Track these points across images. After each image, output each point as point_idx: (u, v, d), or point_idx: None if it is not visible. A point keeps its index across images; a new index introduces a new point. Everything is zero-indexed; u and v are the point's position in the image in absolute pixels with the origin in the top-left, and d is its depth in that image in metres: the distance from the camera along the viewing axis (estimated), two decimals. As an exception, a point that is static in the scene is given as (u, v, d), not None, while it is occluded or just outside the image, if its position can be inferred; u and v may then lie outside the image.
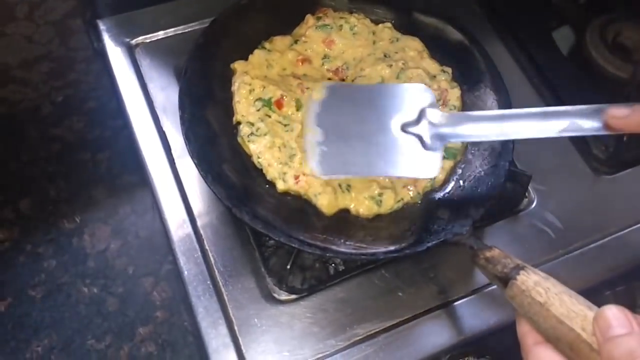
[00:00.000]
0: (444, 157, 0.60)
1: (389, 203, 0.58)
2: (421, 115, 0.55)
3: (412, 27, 0.69)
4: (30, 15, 1.13)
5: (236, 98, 0.63)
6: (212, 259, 0.59)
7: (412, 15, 0.69)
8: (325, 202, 0.57)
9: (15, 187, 1.33)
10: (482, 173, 0.60)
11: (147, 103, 0.68)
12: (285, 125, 0.61)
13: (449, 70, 0.66)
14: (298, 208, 0.58)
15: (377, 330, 0.57)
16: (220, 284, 0.58)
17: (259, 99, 0.62)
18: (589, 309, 0.39)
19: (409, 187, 0.59)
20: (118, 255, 1.28)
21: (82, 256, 1.27)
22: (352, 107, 0.58)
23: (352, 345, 0.56)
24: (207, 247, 0.60)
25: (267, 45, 0.67)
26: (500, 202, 0.63)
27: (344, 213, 0.58)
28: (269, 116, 0.61)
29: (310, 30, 0.68)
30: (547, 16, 0.83)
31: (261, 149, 0.59)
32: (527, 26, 0.78)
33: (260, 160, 0.59)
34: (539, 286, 0.42)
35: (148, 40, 0.74)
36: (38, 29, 1.18)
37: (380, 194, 0.58)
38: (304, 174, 0.58)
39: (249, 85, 0.63)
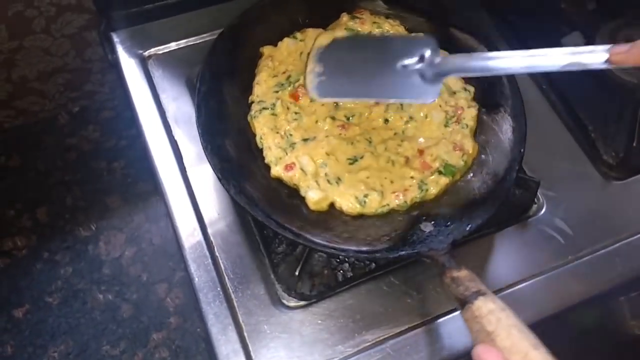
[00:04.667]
0: (440, 173, 0.60)
1: (373, 205, 0.58)
2: (422, 58, 0.56)
3: (445, 41, 0.67)
4: (47, 28, 1.17)
5: (257, 79, 0.65)
6: (222, 266, 0.60)
7: (449, 30, 0.69)
8: (316, 198, 0.58)
9: (33, 196, 1.36)
10: (478, 196, 0.59)
11: (160, 113, 0.70)
12: (295, 114, 0.63)
13: (472, 89, 0.65)
14: (287, 194, 0.59)
15: (386, 336, 0.57)
16: (230, 290, 0.59)
17: (278, 83, 0.64)
18: (534, 348, 0.39)
19: (398, 194, 0.59)
20: (132, 262, 1.30)
21: (98, 263, 1.29)
22: (356, 50, 0.60)
23: (361, 352, 0.56)
24: (217, 255, 0.61)
25: (298, 35, 0.69)
26: (509, 208, 0.63)
27: (329, 206, 0.59)
28: (284, 101, 0.63)
29: (342, 28, 0.69)
30: (557, 23, 0.82)
31: (265, 131, 0.62)
32: (536, 33, 0.78)
33: (262, 140, 0.61)
34: (492, 315, 0.43)
35: (160, 52, 0.75)
36: (55, 42, 1.21)
37: (365, 195, 0.58)
38: (296, 165, 0.59)
39: (273, 70, 0.65)
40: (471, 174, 0.61)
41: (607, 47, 0.47)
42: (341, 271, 0.62)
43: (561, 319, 0.65)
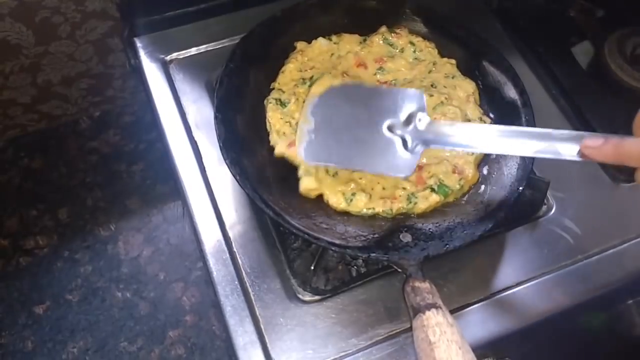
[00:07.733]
0: (433, 191, 0.60)
1: (359, 205, 0.59)
2: (410, 118, 0.55)
3: (475, 72, 0.69)
4: (72, 34, 1.20)
5: (283, 68, 0.68)
6: (240, 261, 0.62)
7: (481, 63, 0.69)
8: (307, 186, 0.60)
9: (55, 197, 1.40)
10: (465, 221, 0.59)
11: (180, 115, 0.72)
12: None
13: (487, 121, 0.66)
14: (281, 179, 0.61)
15: (398, 330, 0.58)
16: (248, 284, 0.61)
17: (301, 78, 0.67)
18: None
19: (385, 200, 0.60)
20: (150, 261, 1.33)
21: (116, 262, 1.32)
22: (347, 103, 0.60)
23: (373, 345, 0.58)
24: (235, 250, 0.63)
25: (333, 38, 0.71)
26: (520, 208, 0.64)
27: (317, 197, 0.61)
28: (300, 98, 0.65)
29: (378, 38, 0.71)
30: (567, 31, 0.83)
31: (277, 118, 0.64)
32: (546, 41, 0.80)
33: (271, 125, 0.64)
34: (438, 327, 0.45)
35: (181, 57, 0.78)
36: (79, 48, 1.25)
37: (353, 194, 0.60)
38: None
39: (301, 64, 0.68)
40: (465, 200, 0.62)
41: (582, 134, 0.45)
42: (355, 267, 0.63)
43: (569, 322, 0.66)
